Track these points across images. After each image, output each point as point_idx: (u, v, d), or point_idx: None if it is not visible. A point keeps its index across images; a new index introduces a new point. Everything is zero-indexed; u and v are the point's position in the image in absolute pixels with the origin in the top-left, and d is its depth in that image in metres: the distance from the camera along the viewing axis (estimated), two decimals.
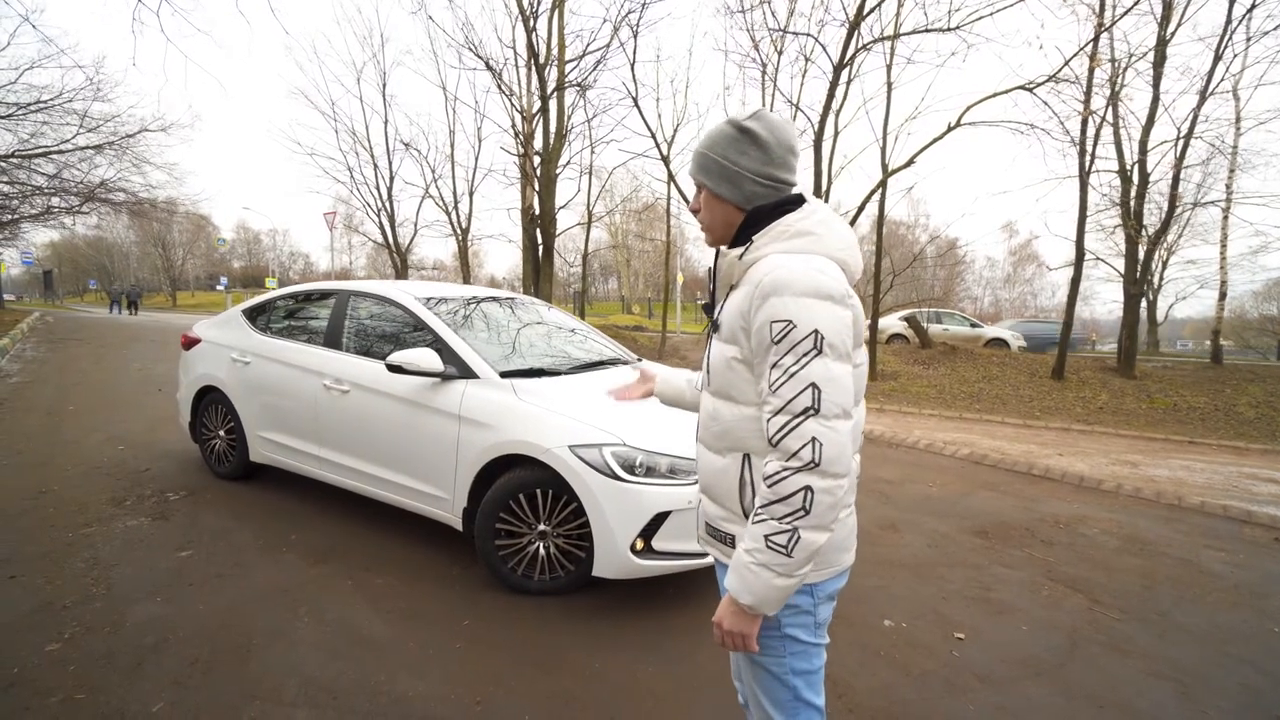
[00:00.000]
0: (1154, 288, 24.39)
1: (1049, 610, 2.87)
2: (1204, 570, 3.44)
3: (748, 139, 1.10)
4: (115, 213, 21.44)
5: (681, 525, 2.53)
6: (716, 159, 1.12)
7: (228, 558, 2.98)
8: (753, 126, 1.10)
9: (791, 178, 1.14)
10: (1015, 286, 45.82)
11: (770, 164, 1.11)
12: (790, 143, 1.12)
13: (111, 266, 55.43)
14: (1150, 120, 10.05)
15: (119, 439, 4.89)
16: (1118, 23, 8.61)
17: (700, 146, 1.15)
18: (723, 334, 1.12)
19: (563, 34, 11.29)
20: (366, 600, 2.64)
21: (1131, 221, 10.37)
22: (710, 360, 1.18)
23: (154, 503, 3.62)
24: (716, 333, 1.16)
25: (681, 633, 2.49)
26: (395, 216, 16.72)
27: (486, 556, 2.74)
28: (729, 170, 1.11)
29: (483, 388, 2.87)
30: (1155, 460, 6.12)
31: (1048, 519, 4.17)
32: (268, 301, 4.06)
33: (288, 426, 3.59)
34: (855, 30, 8.32)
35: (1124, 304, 11.32)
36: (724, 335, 1.12)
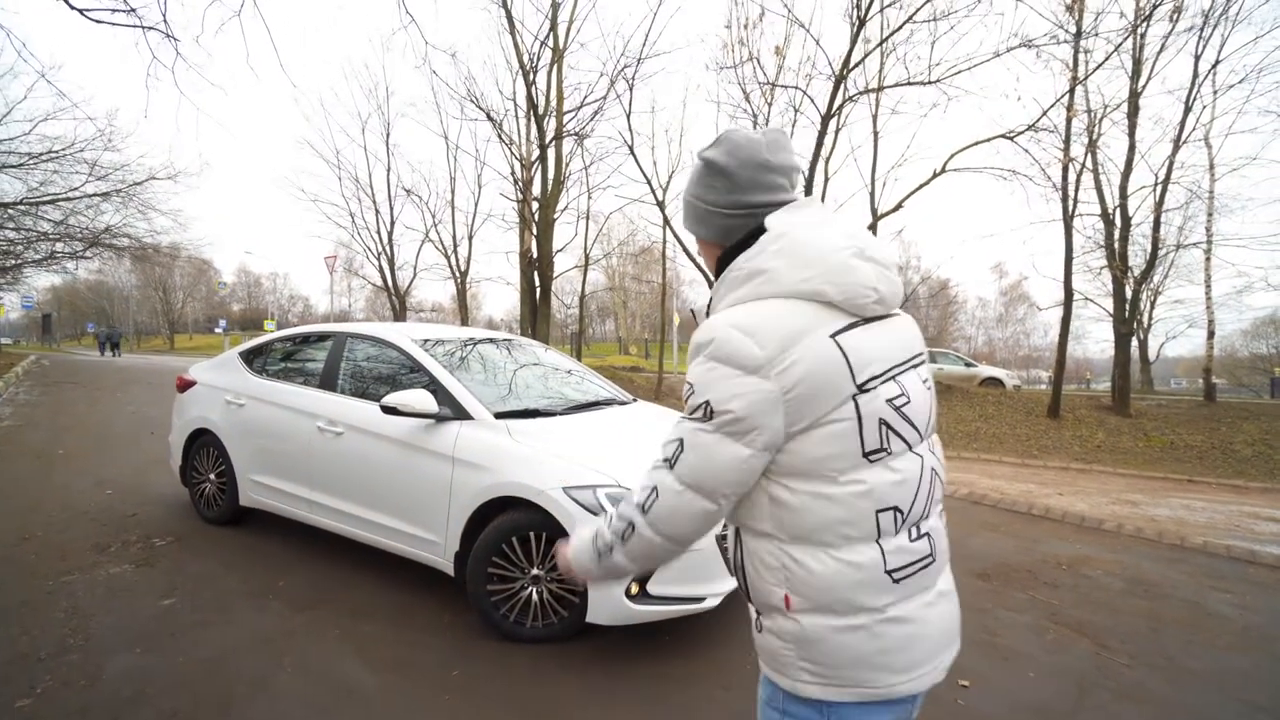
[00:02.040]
0: (1144, 327, 24.66)
1: (1056, 655, 2.79)
2: (1211, 612, 3.37)
3: (711, 171, 0.97)
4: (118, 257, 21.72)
5: (677, 568, 2.49)
6: (691, 200, 1.03)
7: (212, 605, 2.90)
8: (712, 156, 0.97)
9: (770, 197, 0.96)
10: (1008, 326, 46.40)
11: (737, 190, 0.95)
12: (759, 158, 0.94)
13: (111, 310, 55.74)
14: (1128, 167, 10.41)
15: (107, 483, 4.82)
16: (1090, 76, 9.04)
17: (683, 193, 1.07)
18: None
19: (561, 87, 11.76)
20: (354, 649, 2.56)
21: (1117, 263, 10.61)
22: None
23: (139, 549, 3.54)
24: None
25: (679, 682, 2.42)
26: (395, 260, 16.98)
27: (478, 602, 2.68)
28: (700, 209, 1.01)
29: (477, 429, 2.87)
30: (1155, 499, 6.08)
31: (1050, 560, 4.11)
32: (265, 344, 4.08)
33: (279, 469, 3.55)
34: (841, 83, 8.72)
35: (1115, 343, 11.45)
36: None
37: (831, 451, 0.86)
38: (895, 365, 0.91)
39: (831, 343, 0.85)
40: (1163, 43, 9.55)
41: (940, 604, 0.94)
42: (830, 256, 0.88)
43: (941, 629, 0.93)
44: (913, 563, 0.90)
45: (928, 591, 0.92)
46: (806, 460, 0.87)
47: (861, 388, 0.86)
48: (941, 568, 0.96)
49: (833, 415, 0.85)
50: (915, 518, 0.91)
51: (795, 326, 0.85)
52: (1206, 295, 12.27)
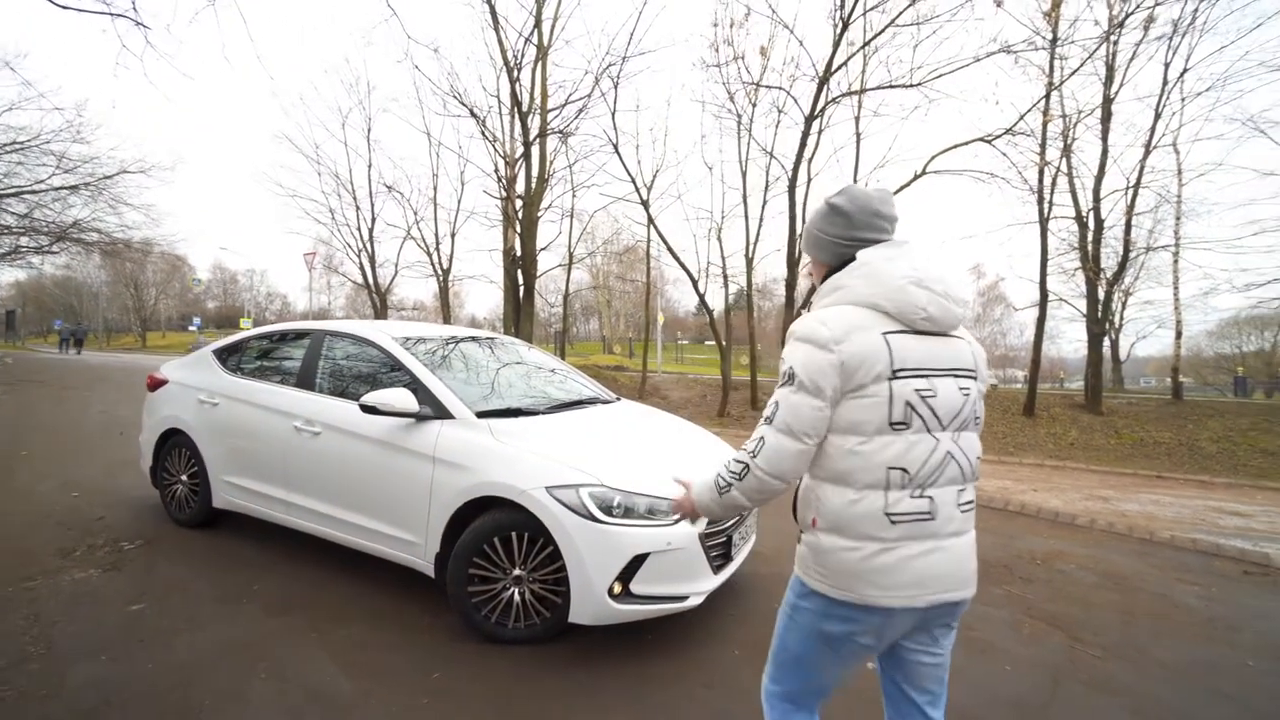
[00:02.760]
0: (1116, 327, 25.26)
1: (1031, 648, 2.85)
2: (1178, 604, 3.47)
3: (835, 212, 1.32)
4: (86, 253, 21.09)
5: (661, 567, 2.49)
6: (814, 231, 1.37)
7: (183, 611, 2.82)
8: (837, 202, 1.32)
9: (875, 235, 1.30)
10: (985, 326, 47.20)
11: (853, 228, 1.30)
12: (872, 207, 1.30)
13: (80, 306, 54.09)
14: (1101, 171, 10.66)
15: (73, 485, 4.68)
16: (1065, 82, 9.23)
17: (806, 225, 1.44)
18: None
19: (545, 84, 11.67)
20: (330, 654, 2.51)
21: (1090, 265, 10.86)
22: None
23: (106, 553, 3.44)
24: None
25: (662, 682, 2.41)
26: (376, 257, 16.74)
27: (459, 603, 2.64)
28: (821, 239, 1.35)
29: (458, 428, 2.83)
30: (1126, 495, 6.23)
31: (1025, 555, 4.19)
32: (240, 341, 3.99)
33: (255, 470, 3.48)
34: (824, 85, 8.79)
35: (1088, 343, 11.71)
36: None
37: (866, 417, 1.18)
38: (932, 368, 1.22)
39: (881, 338, 1.19)
40: (1134, 50, 9.81)
41: (935, 555, 1.21)
42: (891, 281, 1.22)
43: (928, 573, 1.20)
44: (910, 514, 1.19)
45: (926, 540, 1.20)
46: (848, 420, 1.20)
47: (895, 374, 1.18)
48: (944, 528, 1.22)
49: (871, 388, 1.18)
50: (920, 482, 1.20)
51: (856, 322, 1.20)
52: (1174, 297, 12.62)
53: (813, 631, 1.29)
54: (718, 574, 2.66)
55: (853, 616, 1.23)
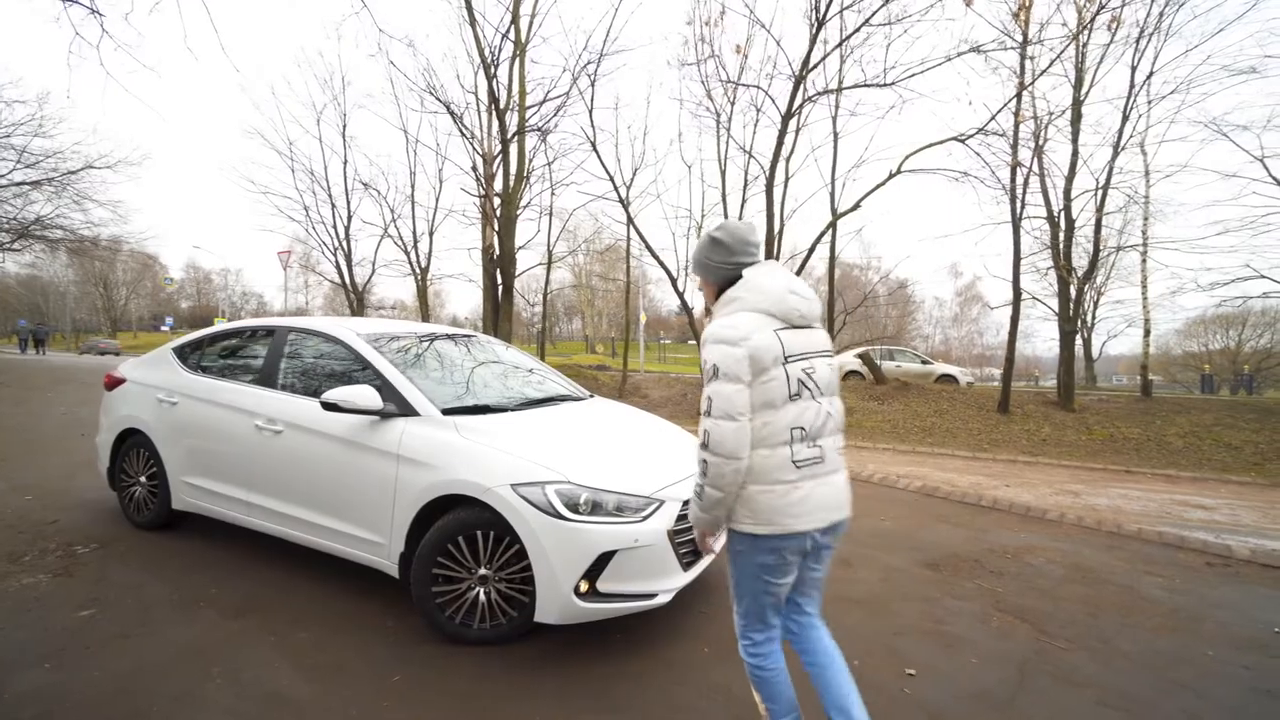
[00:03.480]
0: (1088, 326, 25.86)
1: (999, 641, 2.87)
2: (1144, 596, 3.52)
3: (717, 242, 1.74)
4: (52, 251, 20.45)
5: (628, 565, 2.45)
6: (701, 259, 1.78)
7: (136, 616, 2.72)
8: (718, 235, 1.74)
9: (748, 259, 1.73)
10: (963, 325, 47.99)
11: (733, 254, 1.72)
12: (745, 237, 1.73)
13: (46, 306, 52.54)
14: (1072, 171, 10.87)
15: (28, 488, 4.51)
16: (1035, 83, 9.39)
17: (693, 254, 1.82)
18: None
19: (524, 81, 11.58)
20: (288, 657, 2.44)
21: (1062, 264, 11.07)
22: None
23: (58, 557, 3.32)
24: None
25: (630, 680, 2.38)
26: (352, 256, 16.46)
27: (422, 604, 2.58)
28: (708, 265, 1.76)
29: (423, 425, 2.77)
30: (1096, 489, 6.35)
31: (996, 549, 4.23)
32: (201, 338, 3.87)
33: (215, 470, 3.37)
34: (800, 84, 8.83)
35: (1060, 341, 11.95)
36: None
37: (774, 394, 1.59)
38: (809, 352, 1.68)
39: (773, 334, 1.62)
40: (1103, 53, 10.01)
41: (826, 488, 1.65)
42: (774, 292, 1.66)
43: (824, 501, 1.64)
44: (809, 459, 1.62)
45: (819, 479, 1.64)
46: (761, 399, 1.58)
47: (787, 359, 1.61)
48: (829, 468, 1.67)
49: (772, 371, 1.59)
50: (812, 435, 1.63)
51: (754, 324, 1.61)
52: (1143, 295, 12.93)
53: (753, 565, 1.66)
54: (687, 571, 2.63)
55: (779, 545, 1.61)
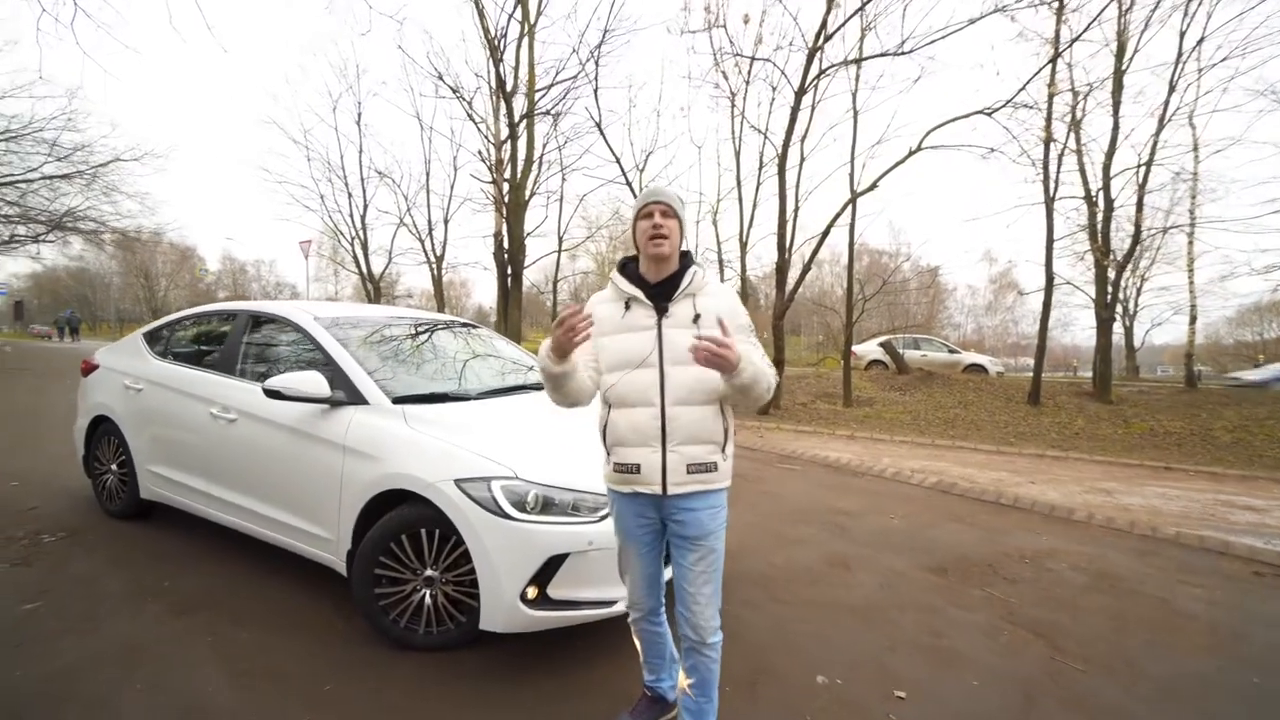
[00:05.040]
0: (1129, 313, 24.59)
1: (1005, 660, 2.56)
2: (1178, 610, 3.16)
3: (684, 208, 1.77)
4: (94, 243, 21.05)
5: (583, 570, 2.23)
6: (683, 213, 1.74)
7: (82, 610, 2.61)
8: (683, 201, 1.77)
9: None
10: (997, 314, 46.34)
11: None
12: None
13: (93, 297, 54.65)
14: (1112, 147, 10.15)
15: (15, 474, 4.50)
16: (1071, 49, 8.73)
17: (673, 194, 1.72)
18: (704, 322, 1.64)
19: (533, 63, 11.32)
20: (222, 660, 2.28)
21: (1099, 246, 10.39)
22: (687, 342, 1.56)
23: (23, 546, 3.25)
24: (695, 322, 1.66)
25: (585, 694, 2.16)
26: (369, 245, 16.53)
27: (364, 605, 2.41)
28: (684, 223, 1.74)
29: (371, 414, 2.58)
30: (1130, 487, 5.88)
31: (1013, 553, 3.88)
32: (169, 323, 3.76)
33: (176, 460, 3.26)
34: (814, 56, 8.36)
35: (1097, 328, 11.27)
36: (707, 323, 1.62)
37: None
38: None
39: None
40: (1148, 17, 9.27)
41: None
42: None
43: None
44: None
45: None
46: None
47: None
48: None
49: None
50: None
51: None
52: (1189, 280, 12.11)
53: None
54: None
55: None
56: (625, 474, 1.69)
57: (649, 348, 1.65)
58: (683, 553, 1.70)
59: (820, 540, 3.96)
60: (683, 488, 1.66)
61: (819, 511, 4.59)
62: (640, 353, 1.66)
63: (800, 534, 4.04)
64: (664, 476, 1.65)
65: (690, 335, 1.60)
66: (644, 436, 1.65)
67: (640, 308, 1.69)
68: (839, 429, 8.47)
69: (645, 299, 1.68)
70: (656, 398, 1.64)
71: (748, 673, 2.33)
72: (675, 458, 1.65)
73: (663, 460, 1.65)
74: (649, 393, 1.64)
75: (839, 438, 8.04)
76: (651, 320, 1.67)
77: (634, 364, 1.66)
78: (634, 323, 1.68)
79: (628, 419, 1.67)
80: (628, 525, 1.76)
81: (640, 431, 1.65)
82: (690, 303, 1.67)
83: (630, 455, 1.68)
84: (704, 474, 1.67)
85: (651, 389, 1.64)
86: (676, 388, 1.64)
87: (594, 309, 1.70)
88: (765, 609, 2.89)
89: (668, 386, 1.64)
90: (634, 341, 1.67)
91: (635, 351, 1.67)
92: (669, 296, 1.67)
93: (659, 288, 1.69)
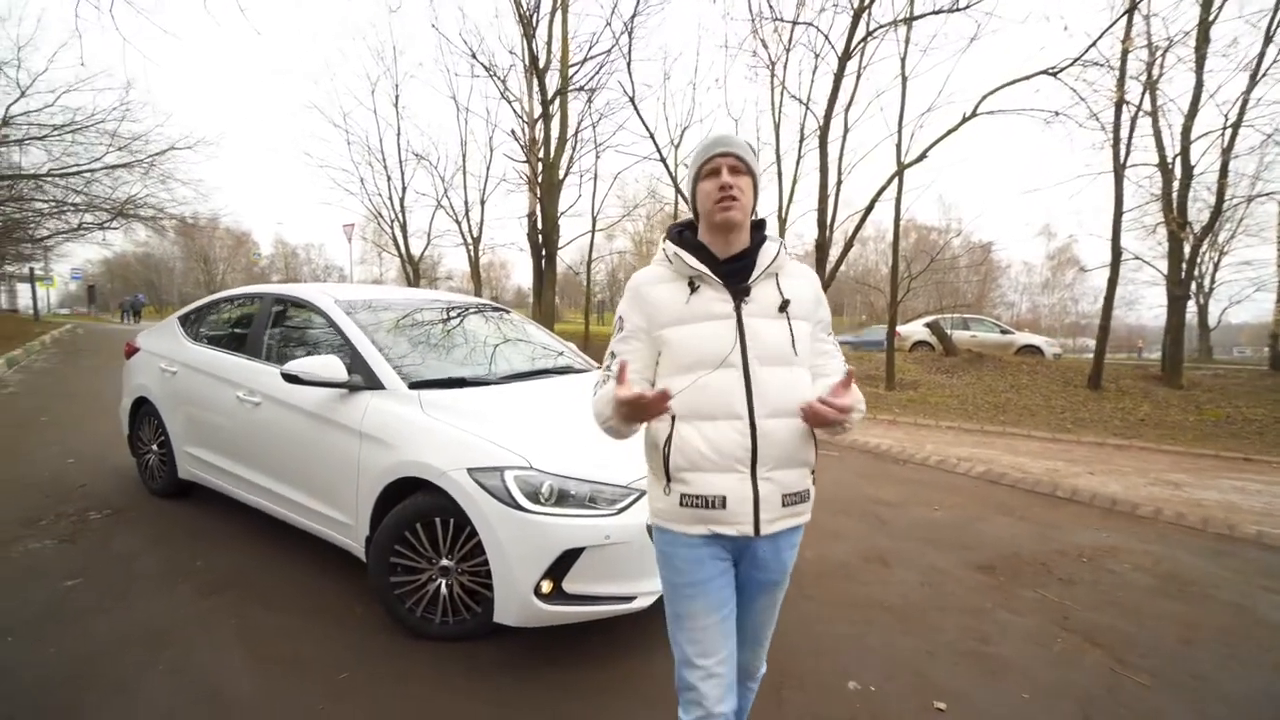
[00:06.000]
0: (1205, 291, 22.85)
1: (1060, 671, 2.35)
2: (1260, 619, 2.86)
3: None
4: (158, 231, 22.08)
5: (599, 564, 2.13)
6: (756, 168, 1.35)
7: (117, 589, 2.68)
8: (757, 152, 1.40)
9: None
10: (1055, 292, 43.93)
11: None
12: None
13: (159, 281, 57.86)
14: (1194, 108, 9.23)
15: (73, 452, 4.72)
16: None
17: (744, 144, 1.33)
18: (795, 310, 1.32)
19: (566, 38, 11.09)
20: (245, 644, 2.30)
21: (1174, 218, 9.55)
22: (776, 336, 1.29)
23: (71, 523, 3.38)
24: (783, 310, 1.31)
25: (602, 691, 2.09)
26: (408, 227, 16.76)
27: (380, 593, 2.38)
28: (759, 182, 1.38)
29: (387, 400, 2.53)
30: (1203, 480, 5.43)
31: (1069, 551, 3.61)
32: (202, 307, 3.83)
33: (208, 441, 3.32)
34: (860, 17, 7.84)
35: (1168, 307, 10.44)
36: (798, 312, 1.33)
37: None
38: None
39: None
40: None
41: None
42: None
43: None
44: None
45: None
46: None
47: None
48: None
49: None
50: None
51: None
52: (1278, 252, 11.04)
53: None
54: None
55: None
56: (701, 509, 1.27)
57: (730, 342, 1.27)
58: (752, 596, 1.38)
59: (857, 533, 3.77)
60: (776, 524, 1.29)
61: (856, 501, 4.38)
62: (720, 348, 1.27)
63: (835, 526, 3.86)
64: (756, 512, 1.27)
65: (779, 328, 1.29)
66: (729, 459, 1.25)
67: (711, 290, 1.31)
68: (880, 413, 8.14)
69: (716, 278, 1.31)
70: (743, 407, 1.25)
71: (773, 676, 2.19)
72: (769, 487, 1.27)
73: (754, 491, 1.26)
74: (733, 401, 1.25)
75: (880, 423, 7.72)
76: (728, 306, 1.29)
77: (713, 364, 1.26)
78: (705, 309, 1.30)
79: (705, 436, 1.25)
80: (697, 576, 1.30)
81: (724, 452, 1.25)
82: (773, 284, 1.33)
83: (709, 484, 1.26)
84: (799, 505, 1.32)
85: (736, 396, 1.25)
86: (767, 395, 1.26)
87: (648, 291, 1.35)
88: (794, 607, 2.74)
89: (756, 394, 1.26)
90: (710, 333, 1.28)
91: (714, 347, 1.27)
92: (745, 275, 1.31)
93: (730, 265, 1.32)
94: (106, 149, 16.40)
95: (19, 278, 24.90)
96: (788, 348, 1.29)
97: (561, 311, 32.03)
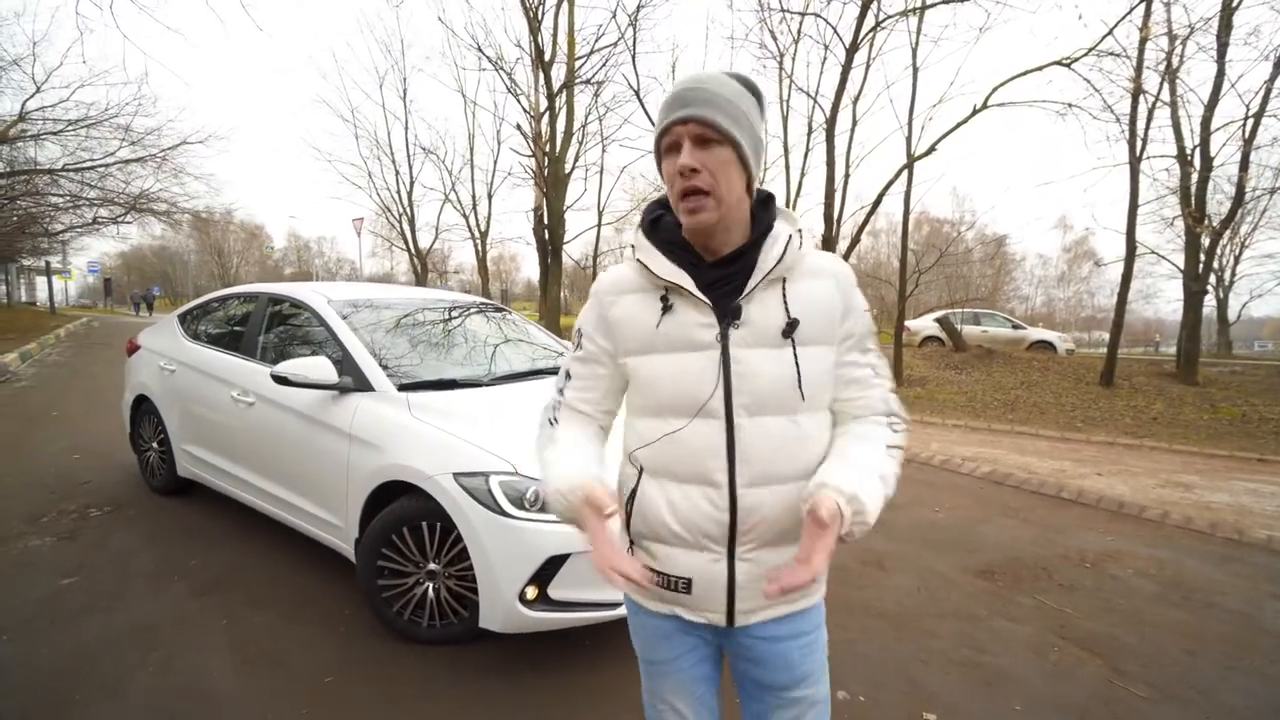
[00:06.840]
0: (1224, 284, 22.39)
1: (1055, 682, 2.31)
2: (1265, 629, 2.79)
3: (761, 107, 0.94)
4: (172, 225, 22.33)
5: (585, 570, 2.10)
6: (750, 121, 0.90)
7: (112, 587, 2.71)
8: (760, 91, 0.94)
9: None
10: (1070, 285, 43.31)
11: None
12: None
13: (174, 274, 58.62)
14: (1214, 98, 9.00)
15: (79, 448, 4.79)
16: None
17: (721, 91, 0.88)
18: (806, 334, 0.94)
19: (572, 30, 11.00)
20: (233, 644, 2.31)
21: (1192, 210, 9.33)
22: (774, 373, 0.93)
23: (71, 520, 3.42)
24: (788, 335, 0.93)
25: (589, 695, 2.07)
26: (416, 221, 16.82)
27: (368, 596, 2.38)
28: (758, 141, 0.93)
29: (376, 402, 2.52)
30: (1215, 482, 5.31)
31: (1072, 555, 3.54)
32: (201, 305, 3.84)
33: (205, 440, 3.34)
34: (868, 7, 7.68)
35: (1184, 302, 10.23)
36: (811, 335, 0.94)
37: None
38: None
39: None
40: None
41: None
42: None
43: None
44: None
45: None
46: None
47: None
48: None
49: None
50: None
51: None
52: None
53: None
54: None
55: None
56: (663, 589, 1.03)
57: (711, 383, 0.93)
58: (764, 708, 1.08)
59: None
60: (760, 614, 1.02)
61: None
62: (696, 392, 0.94)
63: None
64: (730, 600, 0.99)
65: (780, 362, 0.93)
66: (696, 535, 0.97)
67: (688, 308, 0.95)
68: None
69: (697, 293, 0.93)
70: (721, 472, 0.94)
71: None
72: (750, 570, 0.98)
73: (729, 574, 0.98)
74: (708, 464, 0.95)
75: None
76: (711, 333, 0.94)
77: (687, 411, 0.95)
78: (680, 335, 0.95)
79: (671, 501, 0.98)
80: (663, 654, 1.09)
81: (691, 525, 0.97)
82: (778, 295, 0.94)
83: (673, 561, 1.00)
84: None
85: (714, 457, 0.94)
86: (755, 456, 0.94)
87: (610, 304, 1.02)
88: None
89: (739, 454, 0.94)
90: (683, 369, 0.95)
91: (688, 389, 0.95)
92: (740, 284, 0.94)
93: (720, 268, 0.95)
94: (120, 144, 16.58)
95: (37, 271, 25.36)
96: (790, 389, 0.93)
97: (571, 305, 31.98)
